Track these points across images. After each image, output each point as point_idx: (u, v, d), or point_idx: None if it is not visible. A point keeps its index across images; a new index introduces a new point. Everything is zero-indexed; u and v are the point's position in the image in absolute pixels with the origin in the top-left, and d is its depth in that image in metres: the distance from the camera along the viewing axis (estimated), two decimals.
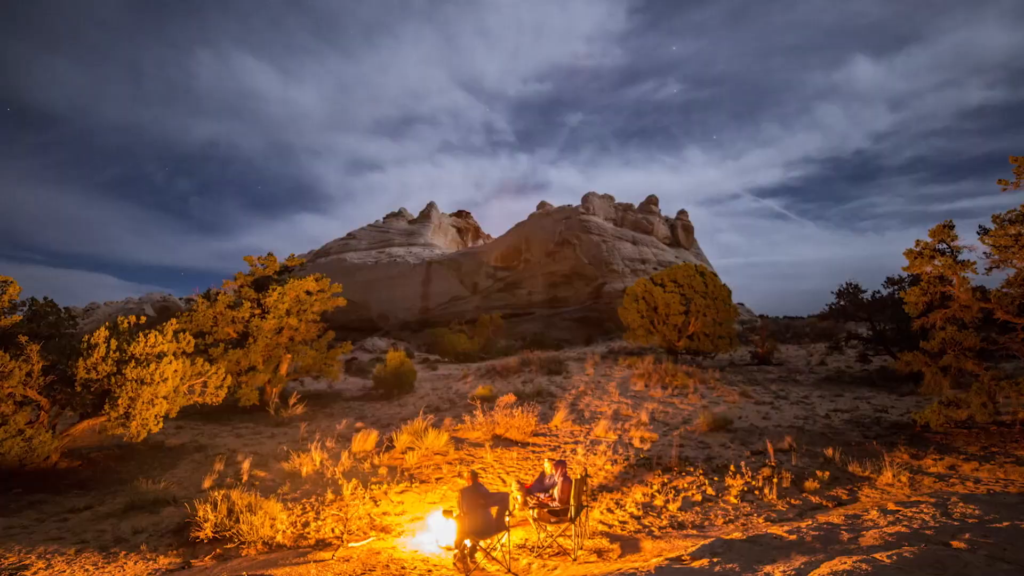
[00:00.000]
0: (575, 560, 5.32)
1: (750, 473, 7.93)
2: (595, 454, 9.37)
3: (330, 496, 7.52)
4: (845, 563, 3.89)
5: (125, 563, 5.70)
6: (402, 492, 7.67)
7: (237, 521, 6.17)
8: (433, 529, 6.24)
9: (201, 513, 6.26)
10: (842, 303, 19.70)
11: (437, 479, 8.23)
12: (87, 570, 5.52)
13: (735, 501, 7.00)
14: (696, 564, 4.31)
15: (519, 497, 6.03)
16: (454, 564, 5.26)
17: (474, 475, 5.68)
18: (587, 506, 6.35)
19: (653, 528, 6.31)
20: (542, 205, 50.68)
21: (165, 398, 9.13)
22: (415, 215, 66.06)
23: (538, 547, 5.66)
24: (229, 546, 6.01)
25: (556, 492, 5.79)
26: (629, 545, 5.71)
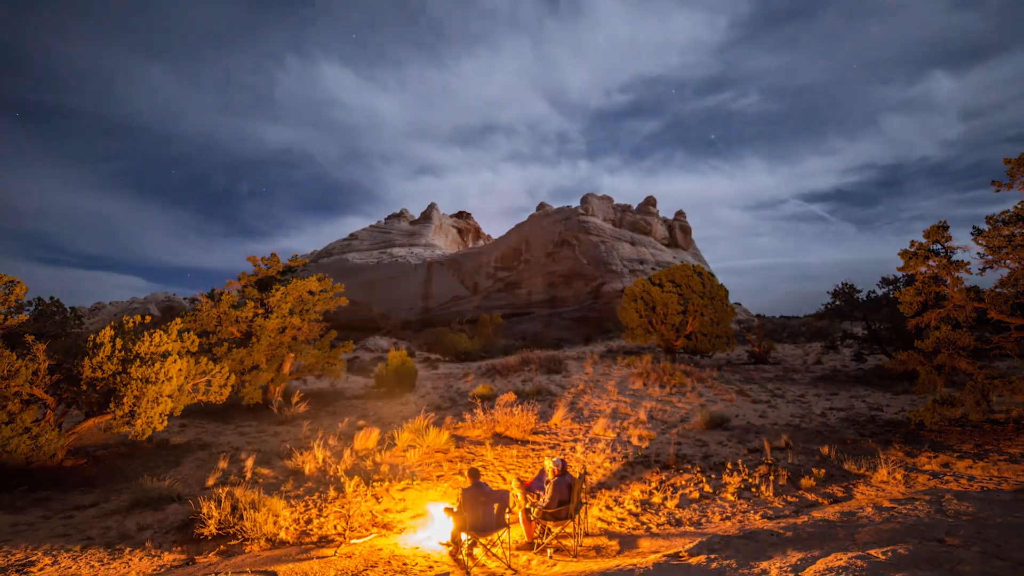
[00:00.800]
0: (575, 557, 5.32)
1: (747, 471, 7.94)
2: (594, 452, 9.37)
3: (333, 493, 7.52)
4: (841, 559, 3.89)
5: (130, 559, 5.70)
6: (404, 489, 7.67)
7: (241, 518, 6.17)
8: (434, 526, 6.25)
9: (205, 510, 6.26)
10: (838, 303, 19.70)
11: (438, 477, 8.23)
12: (93, 566, 5.52)
13: (732, 498, 7.00)
14: (694, 560, 4.31)
15: (519, 495, 6.03)
16: (454, 561, 5.26)
17: (475, 473, 5.68)
18: (586, 503, 6.35)
19: (651, 525, 6.32)
20: (542, 206, 50.67)
21: (169, 397, 9.13)
22: (416, 216, 66.06)
23: (537, 544, 5.66)
24: (233, 543, 6.02)
25: (549, 490, 5.73)
26: (627, 542, 5.71)
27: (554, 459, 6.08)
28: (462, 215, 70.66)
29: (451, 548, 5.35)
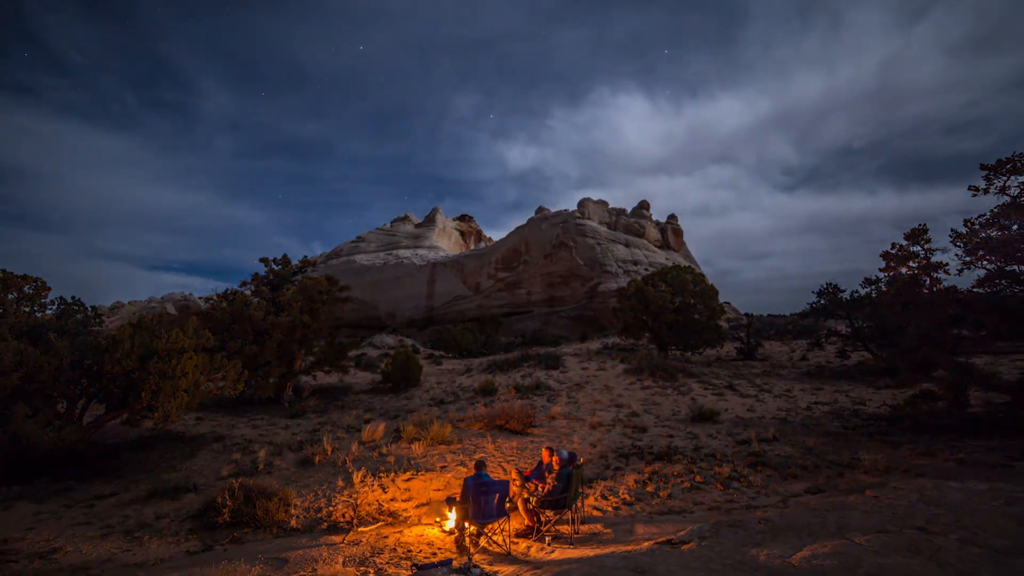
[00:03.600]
0: (571, 544, 5.32)
1: (736, 461, 7.93)
2: (590, 443, 9.36)
3: (341, 483, 7.52)
4: (826, 546, 3.89)
5: (148, 546, 5.70)
6: (408, 480, 7.67)
7: (254, 507, 6.17)
8: (437, 514, 6.25)
9: (220, 499, 6.26)
10: (822, 302, 19.69)
11: (442, 467, 8.23)
12: (113, 553, 5.52)
13: (722, 488, 7.00)
14: (685, 547, 4.31)
15: (519, 484, 6.02)
16: (457, 547, 5.26)
17: (482, 464, 5.67)
18: (582, 493, 6.35)
19: (645, 513, 6.31)
20: (540, 210, 50.67)
21: (186, 391, 9.12)
22: (420, 219, 66.04)
23: (536, 531, 5.66)
24: (246, 530, 6.01)
25: (549, 480, 5.76)
26: (622, 529, 5.70)
27: (558, 450, 6.07)
28: (464, 218, 70.63)
29: (455, 535, 5.35)
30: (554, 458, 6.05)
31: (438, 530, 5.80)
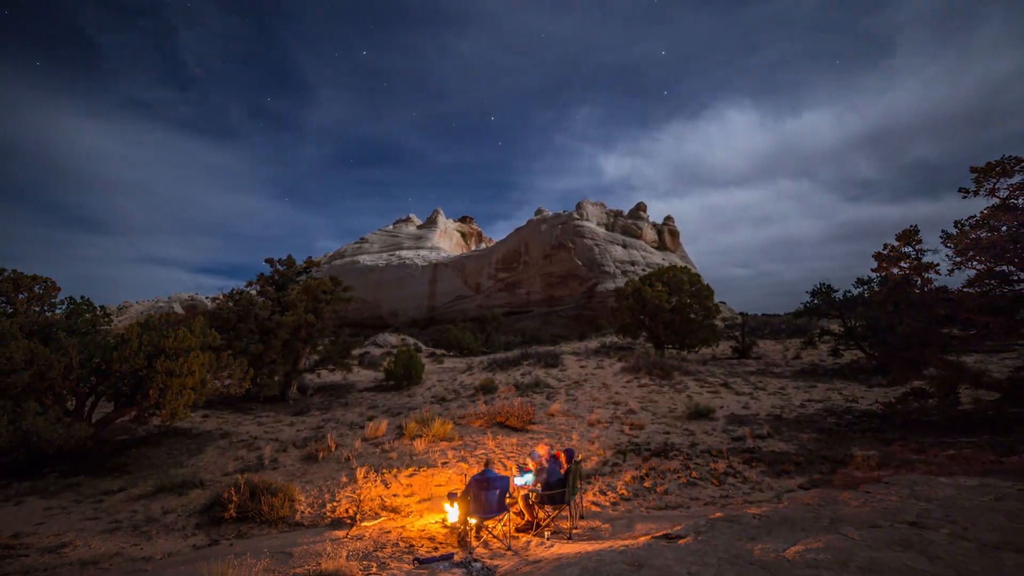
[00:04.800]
0: (570, 538, 5.32)
1: (731, 458, 7.93)
2: (589, 440, 9.36)
3: (344, 479, 7.51)
4: (819, 540, 3.89)
5: (156, 541, 5.70)
6: (411, 476, 7.67)
7: (259, 502, 6.17)
8: (439, 509, 6.25)
9: (226, 495, 6.26)
10: (816, 301, 19.67)
11: (443, 463, 8.22)
12: (121, 547, 5.52)
13: (717, 483, 6.99)
14: (682, 542, 4.31)
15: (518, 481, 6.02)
16: (458, 542, 5.26)
17: (489, 462, 5.67)
18: (581, 488, 6.35)
19: (642, 508, 6.31)
20: (539, 211, 50.67)
21: (192, 389, 9.12)
22: (422, 221, 66.02)
23: (536, 526, 5.66)
24: (252, 525, 6.01)
25: (549, 476, 5.75)
26: (620, 524, 5.70)
27: (556, 447, 6.07)
28: (465, 219, 70.59)
29: (459, 530, 5.35)
30: (552, 454, 6.05)
31: (440, 525, 5.79)
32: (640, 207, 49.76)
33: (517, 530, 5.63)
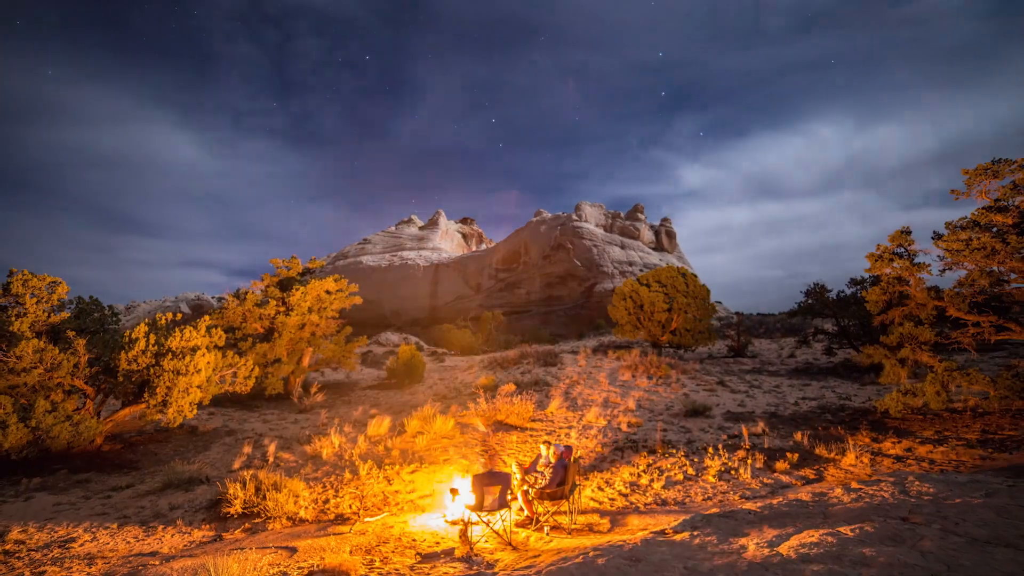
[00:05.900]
0: (569, 534, 5.33)
1: (727, 455, 7.93)
2: (587, 437, 9.37)
3: (348, 476, 7.52)
4: (812, 536, 3.90)
5: (163, 536, 5.70)
6: (413, 472, 7.68)
7: (264, 498, 6.18)
8: (440, 506, 6.25)
9: (231, 491, 6.27)
10: (810, 301, 19.70)
11: (444, 460, 8.23)
12: (129, 542, 5.53)
13: (713, 480, 7.00)
14: (678, 537, 4.31)
15: (519, 477, 6.03)
16: (459, 537, 5.27)
17: (489, 459, 5.68)
18: (579, 485, 6.35)
19: (639, 504, 6.32)
20: (539, 213, 50.67)
21: (199, 387, 9.13)
22: (424, 222, 66.02)
23: (535, 522, 5.67)
24: (257, 521, 6.02)
25: (548, 472, 5.78)
26: (618, 520, 5.71)
27: (555, 444, 6.08)
28: (466, 221, 70.59)
29: (460, 527, 5.36)
30: (555, 451, 6.06)
31: (441, 520, 5.80)
32: (637, 208, 49.76)
33: (517, 525, 5.64)
